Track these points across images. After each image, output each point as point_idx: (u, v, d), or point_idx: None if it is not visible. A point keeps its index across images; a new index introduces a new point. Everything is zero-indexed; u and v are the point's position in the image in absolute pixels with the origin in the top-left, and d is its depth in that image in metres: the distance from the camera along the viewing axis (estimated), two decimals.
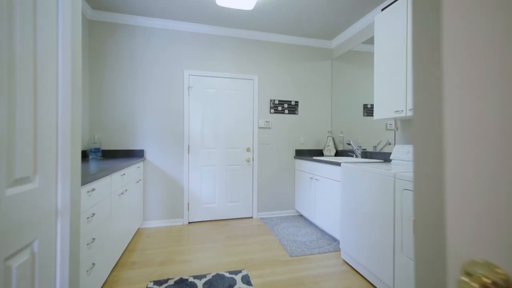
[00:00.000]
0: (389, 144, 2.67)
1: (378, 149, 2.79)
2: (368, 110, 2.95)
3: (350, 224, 2.05)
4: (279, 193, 3.46)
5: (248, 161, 3.31)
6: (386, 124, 2.72)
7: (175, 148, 3.08)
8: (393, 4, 2.11)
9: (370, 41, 2.90)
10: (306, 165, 3.14)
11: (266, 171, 3.40)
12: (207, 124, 3.18)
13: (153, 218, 3.02)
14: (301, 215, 3.48)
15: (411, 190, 1.44)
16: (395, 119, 2.49)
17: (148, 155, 3.00)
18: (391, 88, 2.12)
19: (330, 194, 2.59)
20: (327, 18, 2.95)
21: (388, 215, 1.62)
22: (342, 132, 3.46)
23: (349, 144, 2.91)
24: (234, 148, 3.29)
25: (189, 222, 3.14)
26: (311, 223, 3.15)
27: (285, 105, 3.46)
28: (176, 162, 3.08)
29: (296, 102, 3.51)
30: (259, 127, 3.37)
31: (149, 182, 2.99)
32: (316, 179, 2.89)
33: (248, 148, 3.32)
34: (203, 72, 3.15)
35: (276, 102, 3.43)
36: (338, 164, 2.37)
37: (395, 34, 2.08)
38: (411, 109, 2.06)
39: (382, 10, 2.25)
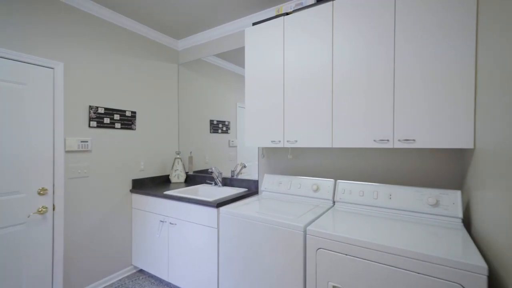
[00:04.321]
0: (245, 167, 2.51)
1: (236, 174, 2.55)
2: (215, 127, 2.70)
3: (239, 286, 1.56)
4: (107, 249, 2.25)
5: (42, 212, 1.83)
6: (229, 141, 2.61)
7: None
8: (269, 21, 1.89)
9: (222, 55, 2.62)
10: (154, 203, 2.25)
11: (84, 221, 2.08)
12: None
13: None
14: (141, 270, 2.50)
15: (328, 250, 1.20)
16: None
17: None
18: (268, 117, 1.89)
19: (197, 244, 1.94)
20: (175, 9, 2.29)
21: (296, 280, 1.31)
22: (191, 152, 2.91)
23: (211, 172, 2.42)
24: (6, 195, 1.69)
25: None
26: (160, 281, 2.29)
27: (116, 117, 2.33)
28: None
29: (134, 113, 2.48)
30: (68, 151, 1.99)
31: None
32: (171, 223, 2.11)
33: (43, 189, 1.85)
34: None
35: (101, 111, 2.21)
36: (211, 205, 1.80)
37: (272, 57, 1.87)
38: (289, 140, 1.97)
39: (254, 24, 1.99)
